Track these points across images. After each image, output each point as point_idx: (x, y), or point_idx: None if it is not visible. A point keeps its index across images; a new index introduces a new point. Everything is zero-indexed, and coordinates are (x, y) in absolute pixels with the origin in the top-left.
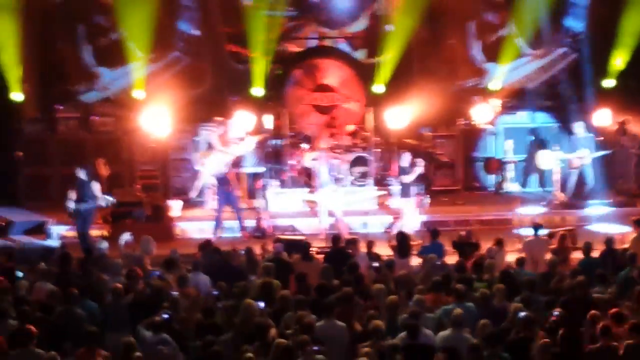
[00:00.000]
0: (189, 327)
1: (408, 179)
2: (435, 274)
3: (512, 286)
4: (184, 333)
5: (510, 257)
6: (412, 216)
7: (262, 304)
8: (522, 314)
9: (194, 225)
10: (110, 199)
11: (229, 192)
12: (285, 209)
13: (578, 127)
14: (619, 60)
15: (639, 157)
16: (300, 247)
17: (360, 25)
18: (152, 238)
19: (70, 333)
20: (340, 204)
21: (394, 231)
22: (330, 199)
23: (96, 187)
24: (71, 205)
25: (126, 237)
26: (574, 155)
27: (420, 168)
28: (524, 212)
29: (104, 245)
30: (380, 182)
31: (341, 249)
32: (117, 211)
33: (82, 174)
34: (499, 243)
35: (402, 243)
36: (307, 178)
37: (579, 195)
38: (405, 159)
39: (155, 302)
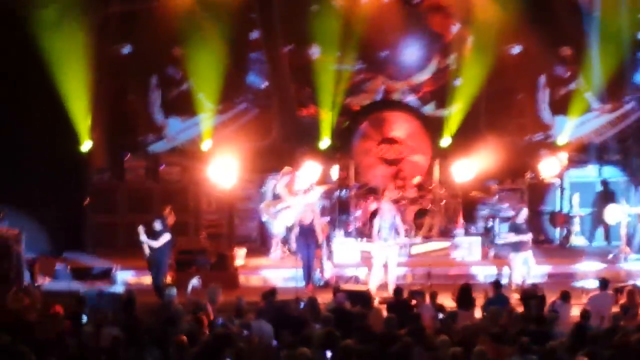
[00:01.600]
0: None
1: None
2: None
3: (579, 340)
4: None
5: (575, 311)
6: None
7: (328, 354)
8: None
9: (259, 273)
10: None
11: (311, 243)
12: (350, 259)
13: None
14: None
15: None
16: (362, 297)
17: (426, 74)
18: (219, 286)
19: None
20: (398, 256)
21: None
22: (387, 251)
23: (167, 237)
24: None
25: (195, 282)
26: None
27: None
28: (589, 267)
29: (173, 292)
30: (446, 234)
31: (404, 300)
32: (181, 258)
33: (158, 225)
34: (565, 296)
35: (465, 295)
36: (371, 229)
37: None
38: (522, 215)
39: (220, 351)
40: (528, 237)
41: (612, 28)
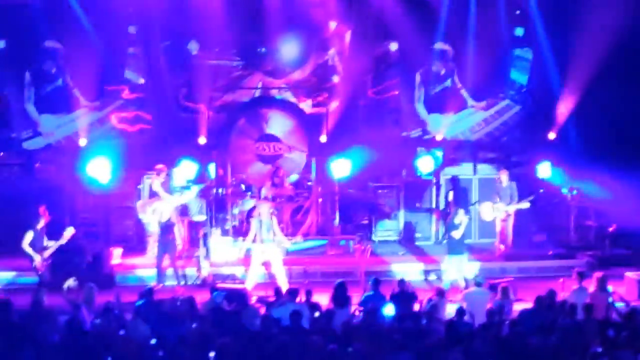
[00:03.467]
0: None
1: (457, 234)
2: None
3: (453, 336)
4: None
5: (450, 308)
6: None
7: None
8: None
9: (135, 272)
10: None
11: (170, 241)
12: (227, 258)
13: (503, 176)
14: (561, 113)
15: (578, 209)
16: (239, 296)
17: (304, 71)
18: (94, 286)
19: None
20: (279, 253)
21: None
22: (266, 250)
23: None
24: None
25: (70, 283)
26: (515, 206)
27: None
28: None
29: (43, 292)
30: (323, 232)
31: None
32: (57, 258)
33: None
34: (440, 293)
35: (340, 292)
36: (248, 227)
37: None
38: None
39: (98, 351)
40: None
41: (489, 25)
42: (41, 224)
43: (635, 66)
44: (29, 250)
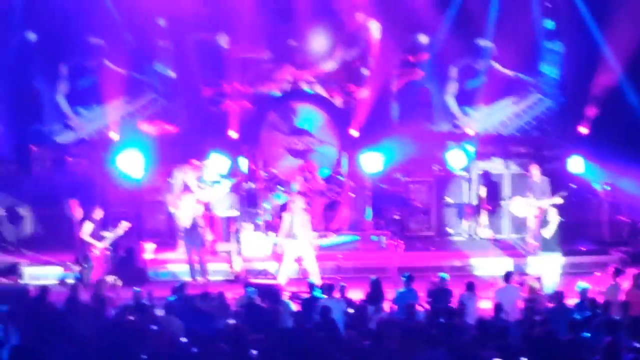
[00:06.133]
0: None
1: (548, 233)
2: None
3: (487, 333)
4: None
5: (482, 304)
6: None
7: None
8: None
9: (168, 268)
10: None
11: (197, 236)
12: (259, 253)
13: (534, 171)
14: (593, 108)
15: (611, 205)
16: (272, 292)
17: (334, 66)
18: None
19: None
20: (311, 249)
21: None
22: (299, 245)
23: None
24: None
25: (111, 280)
26: (548, 201)
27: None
28: (496, 259)
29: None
30: (355, 227)
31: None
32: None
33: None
34: (470, 287)
35: (375, 288)
36: (280, 222)
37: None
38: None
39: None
40: None
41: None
42: (98, 215)
43: None
44: (89, 239)
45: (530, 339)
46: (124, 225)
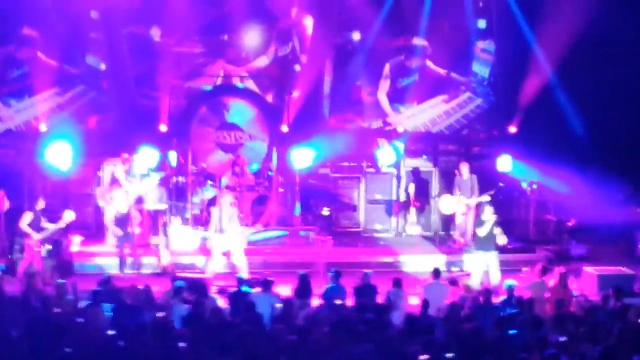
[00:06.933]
0: None
1: (483, 232)
2: (336, 315)
3: (414, 329)
4: None
5: (411, 300)
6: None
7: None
8: (422, 357)
9: (94, 260)
10: None
11: (128, 230)
12: (187, 246)
13: (463, 169)
14: (523, 105)
15: (538, 204)
16: (199, 286)
17: (266, 60)
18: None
19: None
20: (239, 243)
21: None
22: (227, 240)
23: None
24: None
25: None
26: (476, 199)
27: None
28: (423, 256)
29: None
30: (283, 223)
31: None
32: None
33: None
34: (397, 284)
35: (303, 283)
36: (208, 216)
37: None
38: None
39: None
40: None
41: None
42: (40, 205)
43: (596, 62)
44: (27, 229)
45: (457, 335)
46: (67, 217)
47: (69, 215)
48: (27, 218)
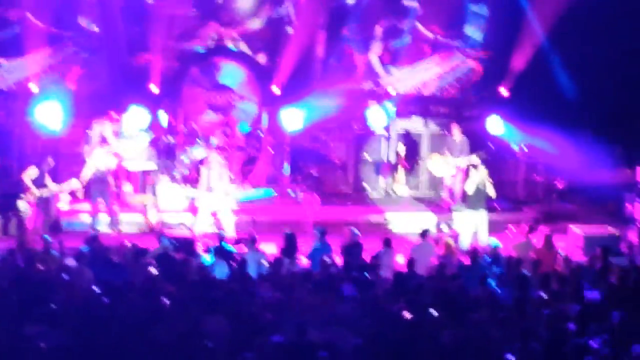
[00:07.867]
0: None
1: (470, 189)
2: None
3: (400, 288)
4: None
5: (399, 259)
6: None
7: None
8: (407, 315)
9: (82, 218)
10: None
11: (106, 188)
12: (175, 205)
13: (455, 131)
14: (515, 69)
15: (527, 165)
16: (186, 244)
17: (259, 22)
18: None
19: None
20: (228, 203)
21: None
22: (215, 199)
23: None
24: None
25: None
26: (466, 160)
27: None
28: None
29: None
30: (273, 183)
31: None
32: (3, 202)
33: None
34: (387, 243)
35: (289, 242)
36: (197, 175)
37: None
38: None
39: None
40: None
41: None
42: (49, 164)
43: (588, 27)
44: (29, 182)
45: (441, 294)
46: (73, 184)
47: (75, 184)
48: (31, 172)
